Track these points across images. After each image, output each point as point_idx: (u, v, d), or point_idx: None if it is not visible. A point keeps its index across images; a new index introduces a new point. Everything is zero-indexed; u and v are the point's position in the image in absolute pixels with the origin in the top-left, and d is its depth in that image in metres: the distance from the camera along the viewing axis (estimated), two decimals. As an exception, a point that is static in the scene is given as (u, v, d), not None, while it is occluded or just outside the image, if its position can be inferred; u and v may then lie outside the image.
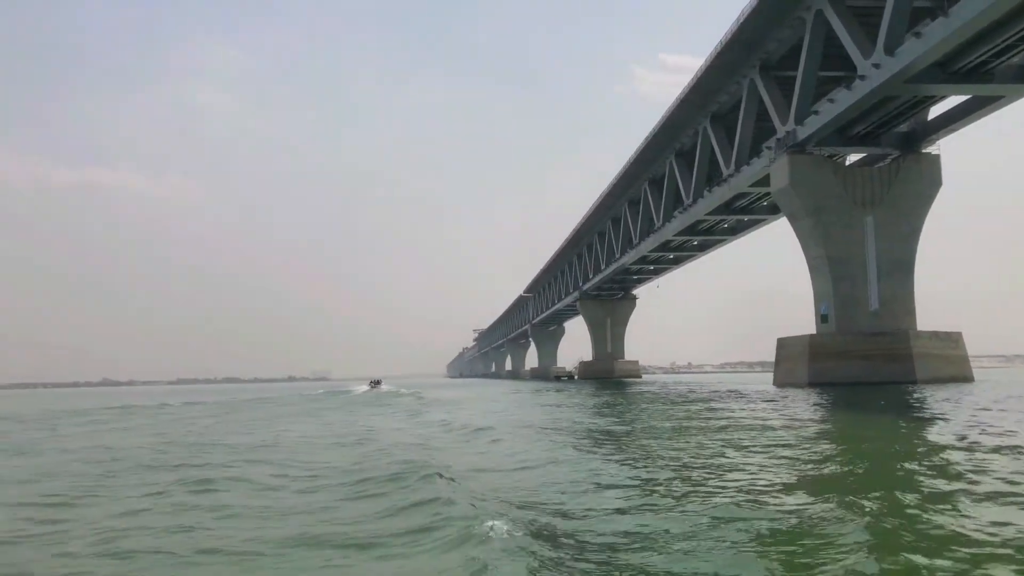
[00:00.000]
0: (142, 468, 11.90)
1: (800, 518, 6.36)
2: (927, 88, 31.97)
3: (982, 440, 11.82)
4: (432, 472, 9.54)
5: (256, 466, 11.80)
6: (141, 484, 10.06)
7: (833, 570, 4.75)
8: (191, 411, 35.33)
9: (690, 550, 5.45)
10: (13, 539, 6.82)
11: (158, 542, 6.46)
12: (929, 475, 8.76)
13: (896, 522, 6.02)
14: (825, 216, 37.57)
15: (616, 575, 4.97)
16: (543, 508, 7.39)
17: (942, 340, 36.25)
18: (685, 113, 49.34)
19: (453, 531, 6.19)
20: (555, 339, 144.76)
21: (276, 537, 6.45)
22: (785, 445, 12.13)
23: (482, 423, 20.09)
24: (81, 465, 12.62)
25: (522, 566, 5.01)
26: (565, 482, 8.99)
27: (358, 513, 7.48)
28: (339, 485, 9.43)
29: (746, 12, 37.22)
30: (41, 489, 9.88)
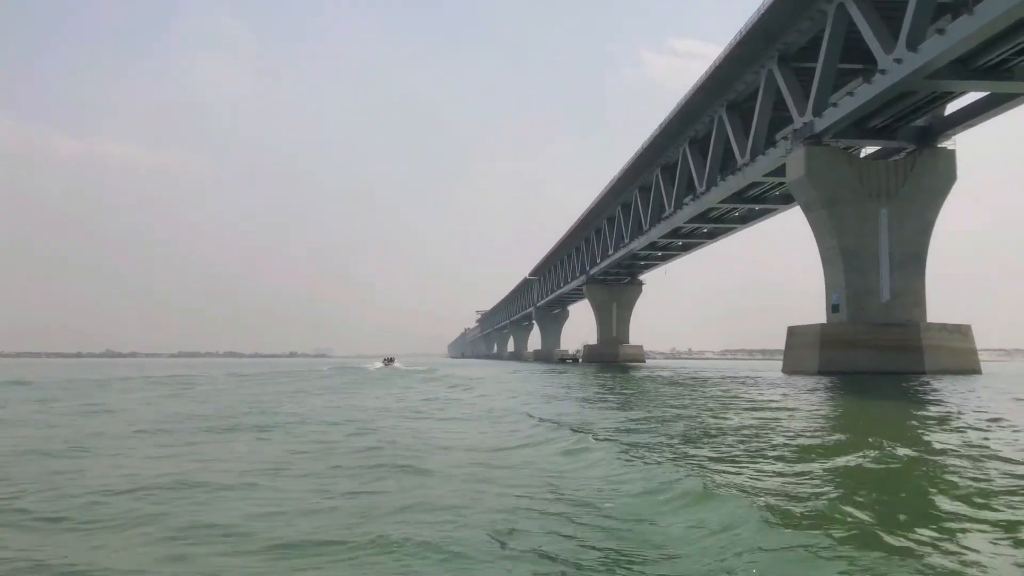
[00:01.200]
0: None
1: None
2: (947, 84, 32.33)
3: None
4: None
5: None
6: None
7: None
8: (252, 383, 36.36)
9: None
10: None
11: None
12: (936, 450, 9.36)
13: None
14: (839, 208, 38.05)
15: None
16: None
17: (951, 333, 36.85)
18: (701, 101, 49.67)
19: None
20: (559, 322, 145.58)
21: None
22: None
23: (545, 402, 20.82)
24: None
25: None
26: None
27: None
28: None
29: (767, 3, 37.48)
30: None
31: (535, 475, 8.29)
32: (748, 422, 13.64)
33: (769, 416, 14.82)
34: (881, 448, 8.95)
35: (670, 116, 53.93)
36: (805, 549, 4.77)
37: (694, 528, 5.60)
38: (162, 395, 26.07)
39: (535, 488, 7.44)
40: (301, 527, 5.79)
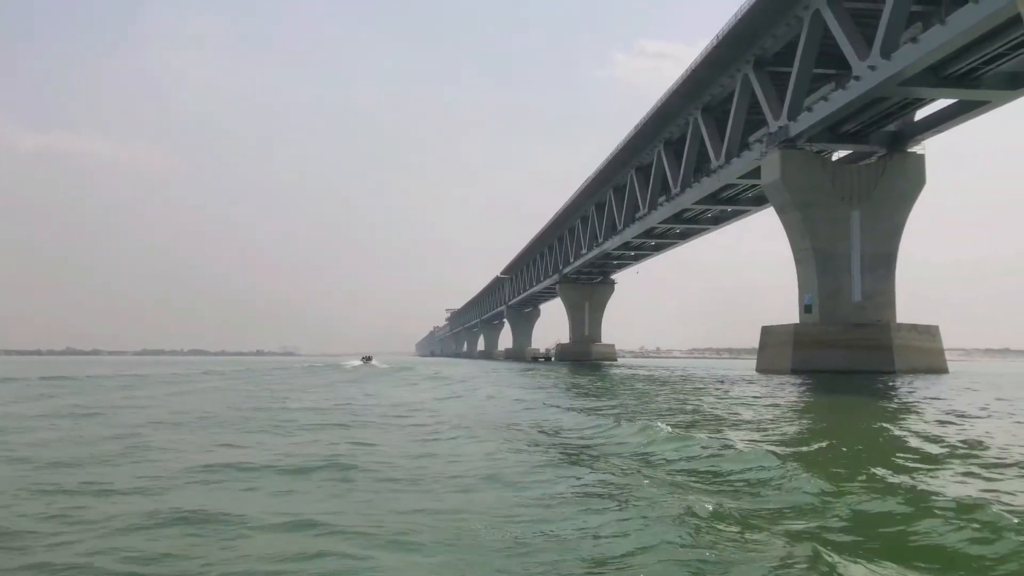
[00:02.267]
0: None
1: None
2: (919, 91, 33.32)
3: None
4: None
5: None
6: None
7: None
8: (234, 380, 36.11)
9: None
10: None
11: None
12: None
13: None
14: (813, 210, 38.93)
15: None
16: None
17: (920, 333, 37.91)
18: (676, 104, 50.36)
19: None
20: (530, 321, 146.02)
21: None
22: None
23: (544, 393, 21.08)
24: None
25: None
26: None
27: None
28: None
29: (744, 8, 38.20)
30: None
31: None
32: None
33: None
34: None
35: (646, 118, 54.56)
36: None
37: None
38: (182, 393, 25.53)
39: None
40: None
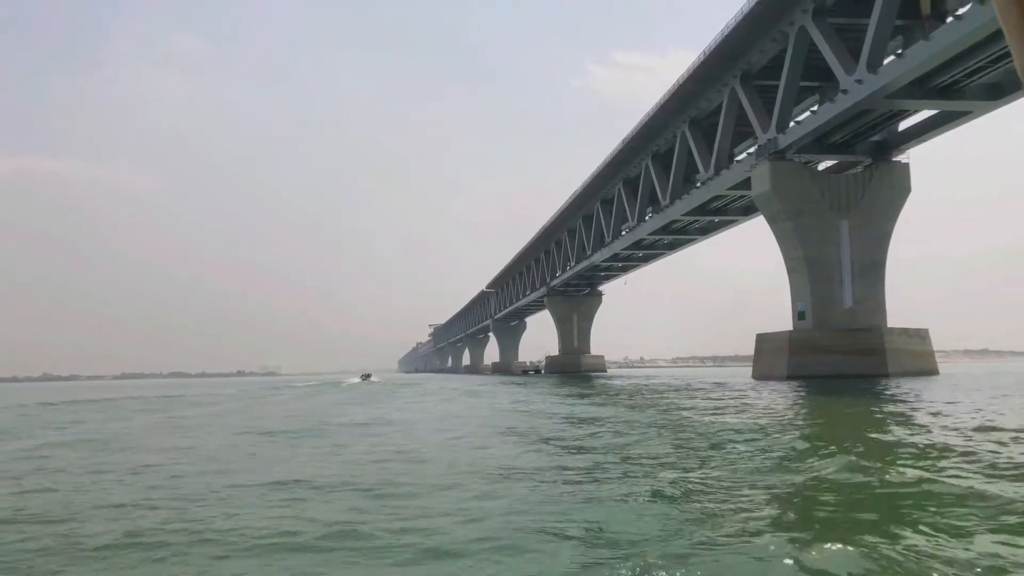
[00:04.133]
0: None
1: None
2: (904, 103, 34.48)
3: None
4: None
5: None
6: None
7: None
8: (249, 401, 36.03)
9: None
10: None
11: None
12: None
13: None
14: (803, 220, 39.93)
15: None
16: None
17: (911, 336, 38.95)
18: (664, 117, 51.37)
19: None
20: (516, 334, 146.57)
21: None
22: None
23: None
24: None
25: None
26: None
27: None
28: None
29: (731, 25, 39.27)
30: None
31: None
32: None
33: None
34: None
35: (633, 132, 55.56)
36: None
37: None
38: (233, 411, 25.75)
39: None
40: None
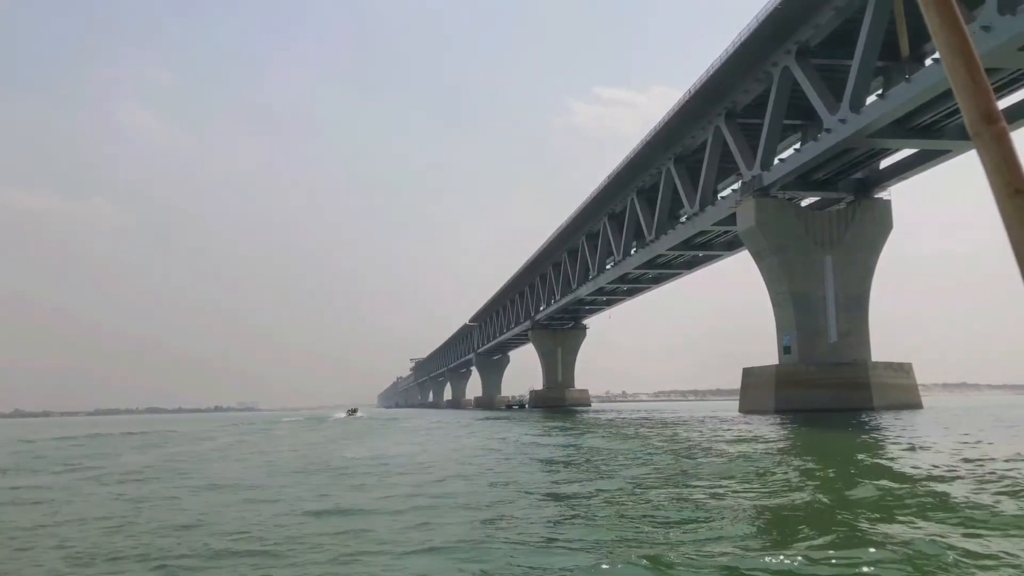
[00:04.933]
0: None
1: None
2: (886, 142, 35.38)
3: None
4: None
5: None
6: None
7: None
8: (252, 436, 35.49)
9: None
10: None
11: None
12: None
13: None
14: (788, 255, 40.57)
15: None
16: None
17: (895, 370, 39.46)
18: (649, 154, 52.23)
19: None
20: (500, 368, 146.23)
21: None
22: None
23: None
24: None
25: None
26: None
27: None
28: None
29: (716, 65, 40.20)
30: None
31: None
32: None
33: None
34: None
35: (619, 168, 56.38)
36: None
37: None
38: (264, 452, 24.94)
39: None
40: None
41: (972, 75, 1.10)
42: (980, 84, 1.10)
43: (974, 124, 1.09)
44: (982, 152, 1.10)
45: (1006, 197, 1.06)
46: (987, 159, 1.09)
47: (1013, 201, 1.05)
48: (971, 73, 1.10)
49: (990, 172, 1.08)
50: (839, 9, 32.94)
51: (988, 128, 1.08)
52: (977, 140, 1.10)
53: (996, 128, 1.08)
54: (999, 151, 1.08)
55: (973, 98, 1.09)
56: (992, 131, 1.08)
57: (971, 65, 1.10)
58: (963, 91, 1.10)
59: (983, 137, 1.09)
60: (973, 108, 1.09)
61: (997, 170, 1.07)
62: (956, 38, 1.11)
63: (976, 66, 1.11)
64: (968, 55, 1.10)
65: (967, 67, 1.09)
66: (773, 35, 36.17)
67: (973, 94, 1.09)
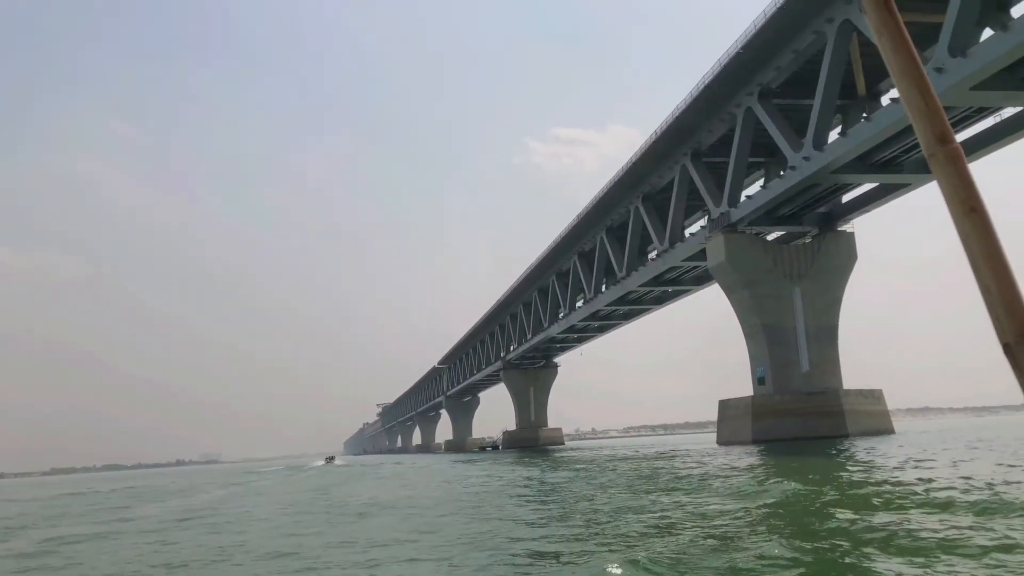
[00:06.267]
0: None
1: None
2: (848, 177, 36.80)
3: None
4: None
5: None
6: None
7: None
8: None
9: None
10: None
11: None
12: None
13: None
14: (759, 288, 41.61)
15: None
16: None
17: (866, 397, 40.43)
18: (618, 193, 53.45)
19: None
20: (470, 410, 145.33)
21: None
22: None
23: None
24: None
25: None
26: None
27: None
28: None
29: (681, 107, 41.59)
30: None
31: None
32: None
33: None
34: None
35: (588, 207, 57.48)
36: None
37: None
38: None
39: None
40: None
41: (925, 99, 1.15)
42: (933, 107, 1.16)
43: (929, 145, 1.14)
44: (937, 172, 1.15)
45: (962, 215, 1.10)
46: (943, 179, 1.13)
47: (969, 219, 1.10)
48: (924, 97, 1.15)
49: (946, 191, 1.13)
50: (799, 52, 34.44)
51: (942, 149, 1.13)
52: (932, 161, 1.15)
53: (950, 148, 1.13)
54: (954, 171, 1.12)
55: (927, 120, 1.15)
56: (946, 152, 1.13)
57: (924, 90, 1.16)
58: (918, 114, 1.16)
59: (938, 157, 1.14)
60: (928, 130, 1.15)
61: (952, 189, 1.12)
62: (909, 65, 1.16)
63: (929, 90, 1.16)
64: (921, 80, 1.16)
65: (920, 92, 1.15)
66: (736, 78, 37.64)
67: (927, 117, 1.15)
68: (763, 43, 34.67)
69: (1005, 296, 1.06)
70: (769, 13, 32.99)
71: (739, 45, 35.39)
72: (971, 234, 1.08)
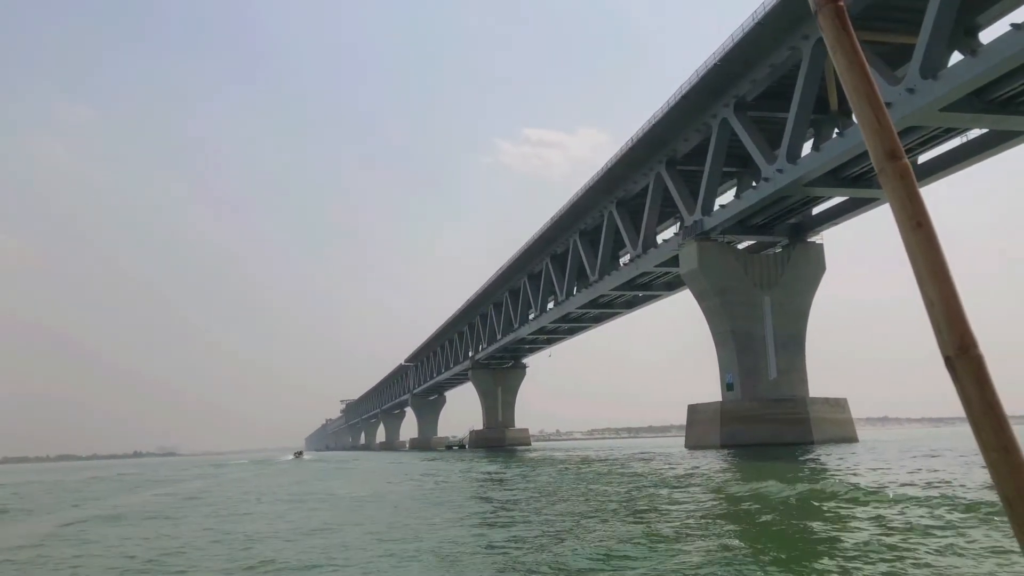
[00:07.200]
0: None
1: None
2: (820, 191, 37.69)
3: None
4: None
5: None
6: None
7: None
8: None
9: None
10: None
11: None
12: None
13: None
14: (729, 296, 42.40)
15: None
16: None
17: (832, 405, 41.43)
18: (592, 198, 53.98)
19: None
20: (436, 409, 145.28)
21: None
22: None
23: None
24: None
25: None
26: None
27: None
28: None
29: (658, 116, 42.17)
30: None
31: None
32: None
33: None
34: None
35: (561, 211, 57.94)
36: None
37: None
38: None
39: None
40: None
41: (877, 115, 1.17)
42: (884, 123, 1.17)
43: (879, 161, 1.16)
44: (887, 187, 1.16)
45: (909, 230, 1.12)
46: (891, 193, 1.15)
47: (915, 234, 1.11)
48: (876, 113, 1.17)
49: (895, 206, 1.14)
50: (775, 66, 35.18)
51: (892, 164, 1.15)
52: (882, 176, 1.16)
53: (899, 164, 1.15)
54: (902, 186, 1.14)
55: (878, 136, 1.16)
56: (895, 167, 1.15)
57: (876, 106, 1.17)
58: (869, 130, 1.17)
59: (887, 173, 1.15)
60: (878, 146, 1.16)
61: (901, 204, 1.13)
62: (862, 82, 1.18)
63: (880, 107, 1.18)
64: (873, 97, 1.17)
65: (872, 108, 1.17)
66: (713, 89, 38.31)
67: (878, 133, 1.16)
68: (741, 56, 35.34)
69: (947, 310, 1.08)
70: (747, 27, 33.66)
71: (717, 57, 36.04)
72: (917, 248, 1.11)
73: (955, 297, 1.09)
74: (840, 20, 1.18)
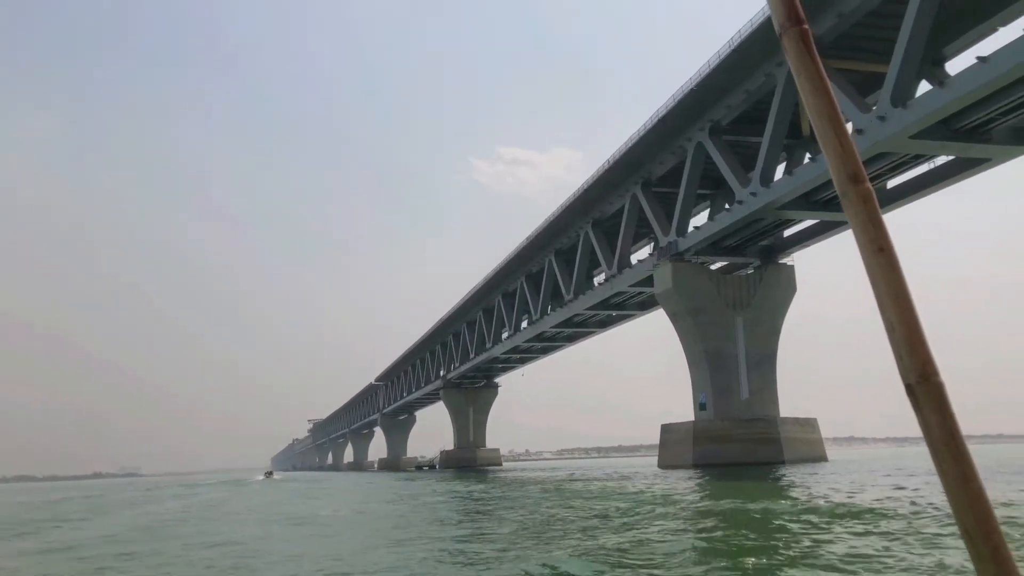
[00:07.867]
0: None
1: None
2: (792, 214, 38.46)
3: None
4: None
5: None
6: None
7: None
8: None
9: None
10: None
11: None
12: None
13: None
14: (703, 316, 42.96)
15: None
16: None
17: (802, 425, 42.04)
18: (568, 218, 54.48)
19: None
20: (405, 428, 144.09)
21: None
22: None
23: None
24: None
25: None
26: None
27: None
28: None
29: (634, 139, 42.83)
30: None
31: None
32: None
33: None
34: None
35: (537, 230, 58.32)
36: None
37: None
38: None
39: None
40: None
41: (840, 139, 1.16)
42: (847, 147, 1.15)
43: (842, 184, 1.15)
44: (849, 211, 1.14)
45: (871, 254, 1.11)
46: (853, 217, 1.13)
47: (876, 258, 1.10)
48: (839, 138, 1.16)
49: (856, 230, 1.12)
50: (750, 92, 36.00)
51: (854, 188, 1.14)
52: (844, 200, 1.14)
53: (862, 188, 1.14)
54: (864, 211, 1.12)
55: (841, 160, 1.15)
56: (858, 191, 1.13)
57: (839, 130, 1.16)
58: (832, 154, 1.16)
59: (850, 197, 1.14)
60: (841, 170, 1.15)
61: (863, 228, 1.12)
62: (826, 105, 1.17)
63: (843, 131, 1.17)
64: (836, 121, 1.17)
65: (835, 132, 1.16)
66: (689, 113, 39.05)
67: (841, 157, 1.15)
68: (716, 82, 36.11)
69: (909, 336, 1.07)
70: (724, 54, 34.44)
71: (694, 82, 36.78)
72: (878, 272, 1.09)
73: (916, 323, 1.08)
74: (805, 43, 1.18)
